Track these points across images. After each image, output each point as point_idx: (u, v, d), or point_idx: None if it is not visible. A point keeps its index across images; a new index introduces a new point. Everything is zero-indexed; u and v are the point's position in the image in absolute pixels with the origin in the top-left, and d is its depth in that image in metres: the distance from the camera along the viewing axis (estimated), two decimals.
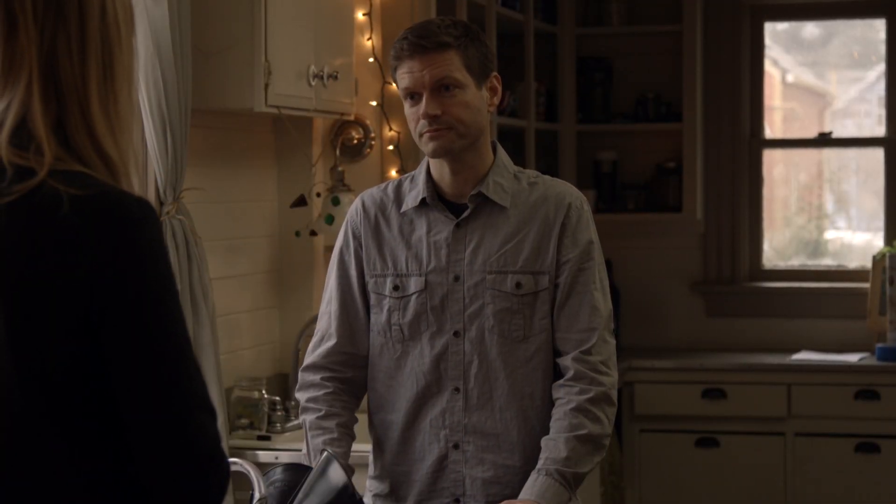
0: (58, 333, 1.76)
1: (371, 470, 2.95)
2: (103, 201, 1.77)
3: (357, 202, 2.96)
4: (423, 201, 2.88)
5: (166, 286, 1.79)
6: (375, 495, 2.93)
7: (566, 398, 2.79)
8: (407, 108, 2.84)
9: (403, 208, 2.90)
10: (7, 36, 1.82)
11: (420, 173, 2.90)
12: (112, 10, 1.85)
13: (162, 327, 1.78)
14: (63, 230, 1.75)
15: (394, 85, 4.64)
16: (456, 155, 2.83)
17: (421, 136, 2.81)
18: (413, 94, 2.81)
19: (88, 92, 1.82)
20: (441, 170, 2.87)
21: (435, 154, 2.82)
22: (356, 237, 2.93)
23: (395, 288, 2.87)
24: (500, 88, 2.90)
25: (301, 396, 2.93)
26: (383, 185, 2.97)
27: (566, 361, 2.82)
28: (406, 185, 2.93)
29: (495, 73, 2.89)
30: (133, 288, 1.76)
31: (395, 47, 2.82)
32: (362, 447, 3.01)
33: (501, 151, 2.92)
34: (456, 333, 2.84)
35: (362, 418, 2.95)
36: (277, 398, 4.27)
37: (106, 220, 1.76)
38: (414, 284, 2.86)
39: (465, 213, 2.86)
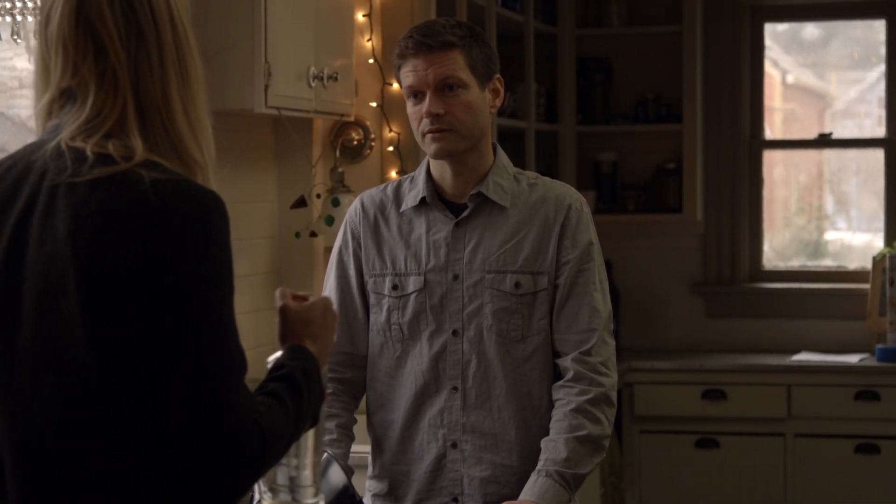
0: (127, 303, 1.84)
1: (370, 470, 2.95)
2: (181, 186, 1.88)
3: (356, 203, 2.96)
4: (422, 201, 2.88)
5: (225, 274, 1.88)
6: (374, 495, 2.93)
7: (566, 399, 2.79)
8: (409, 106, 2.83)
9: (403, 208, 2.90)
10: (96, 57, 1.92)
11: (420, 173, 2.90)
12: (179, 18, 1.96)
13: (214, 309, 1.86)
14: (141, 207, 1.85)
15: (394, 86, 4.64)
16: (458, 156, 2.83)
17: (423, 136, 2.81)
18: (416, 93, 2.81)
19: (171, 102, 1.93)
20: (442, 170, 2.87)
21: (438, 156, 2.82)
22: (355, 237, 2.93)
23: (394, 287, 2.87)
24: (502, 91, 2.90)
25: None
26: (383, 185, 2.97)
27: (566, 362, 2.82)
28: (406, 185, 2.93)
29: (498, 76, 2.89)
30: (195, 267, 1.85)
31: (400, 45, 2.82)
32: (362, 448, 3.01)
33: (501, 153, 2.92)
34: (455, 332, 2.84)
35: (361, 419, 2.95)
36: None
37: (182, 202, 1.85)
38: (413, 283, 2.86)
39: (465, 213, 2.86)
